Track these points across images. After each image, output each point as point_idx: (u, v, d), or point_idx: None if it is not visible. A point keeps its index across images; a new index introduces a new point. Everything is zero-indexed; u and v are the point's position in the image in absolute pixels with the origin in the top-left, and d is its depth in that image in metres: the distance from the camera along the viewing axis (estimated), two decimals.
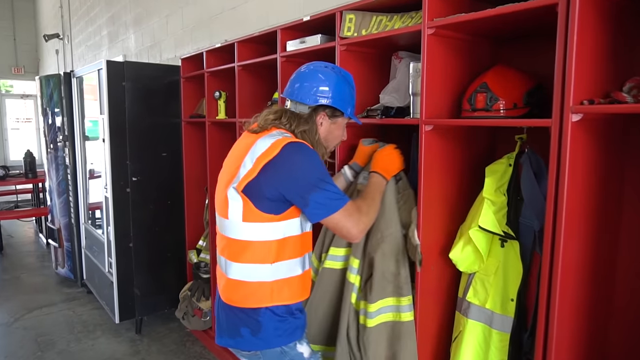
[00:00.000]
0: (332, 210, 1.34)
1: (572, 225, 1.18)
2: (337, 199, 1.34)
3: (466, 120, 1.40)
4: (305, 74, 1.48)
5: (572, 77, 1.08)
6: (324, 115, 1.47)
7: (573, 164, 1.13)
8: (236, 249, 1.41)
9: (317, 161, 1.37)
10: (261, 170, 1.33)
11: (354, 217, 1.36)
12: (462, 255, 1.51)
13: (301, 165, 1.34)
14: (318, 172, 1.35)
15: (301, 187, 1.33)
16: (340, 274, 1.75)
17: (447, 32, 1.46)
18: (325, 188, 1.33)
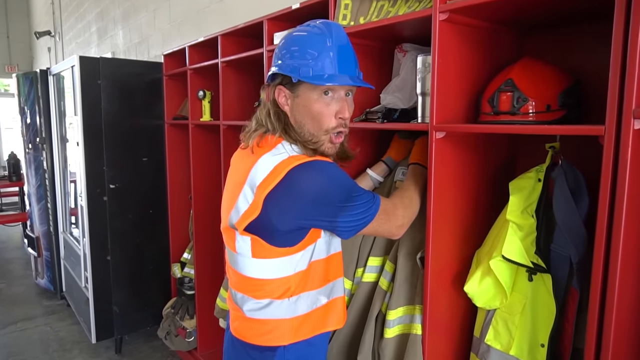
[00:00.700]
0: (366, 223, 1.13)
1: (630, 258, 0.92)
2: (369, 208, 1.12)
3: (488, 127, 1.14)
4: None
5: (636, 69, 0.82)
6: (279, 90, 1.14)
7: (633, 182, 0.87)
8: (250, 285, 1.20)
9: (336, 175, 1.12)
10: (265, 202, 1.08)
11: (391, 218, 1.18)
12: (480, 289, 1.25)
13: (320, 188, 1.09)
14: (342, 189, 1.10)
15: (326, 213, 1.10)
16: (373, 286, 1.57)
17: (463, 18, 1.20)
18: (354, 203, 1.10)
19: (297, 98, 1.14)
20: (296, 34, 1.17)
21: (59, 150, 3.48)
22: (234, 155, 1.28)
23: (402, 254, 1.45)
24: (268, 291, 1.17)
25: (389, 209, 1.18)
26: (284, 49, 1.15)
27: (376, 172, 1.56)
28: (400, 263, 1.45)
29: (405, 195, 1.26)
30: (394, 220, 1.18)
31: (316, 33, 1.12)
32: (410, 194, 1.27)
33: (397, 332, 1.44)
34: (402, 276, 1.44)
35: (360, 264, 1.62)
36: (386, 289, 1.51)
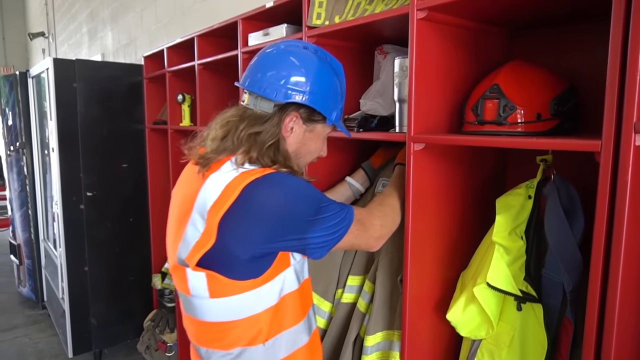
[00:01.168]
0: (340, 236, 1.00)
1: (630, 289, 0.79)
2: (342, 219, 1.00)
3: (471, 139, 1.01)
4: (272, 56, 1.05)
5: (638, 79, 0.70)
6: (296, 118, 1.02)
7: (634, 203, 0.75)
8: (213, 334, 1.03)
9: (299, 186, 1.00)
10: (220, 228, 0.92)
11: (368, 228, 1.06)
12: (464, 317, 1.12)
13: (284, 203, 0.96)
14: (308, 201, 0.98)
15: (294, 230, 0.96)
16: (352, 308, 1.44)
17: (445, 17, 1.08)
18: (324, 214, 0.97)
19: (309, 133, 1.07)
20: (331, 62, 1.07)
21: (39, 154, 3.36)
22: (182, 173, 1.14)
23: (380, 274, 1.33)
24: (236, 337, 1.00)
25: (365, 218, 1.05)
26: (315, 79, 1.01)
27: (355, 179, 1.43)
28: (378, 284, 1.33)
29: (384, 202, 1.14)
30: (371, 231, 1.05)
31: (340, 72, 1.09)
32: (391, 200, 1.15)
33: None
34: (381, 298, 1.32)
35: (341, 284, 1.50)
36: (364, 311, 1.39)
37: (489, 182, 1.31)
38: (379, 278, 1.33)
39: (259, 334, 1.00)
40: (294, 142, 1.05)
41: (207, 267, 0.96)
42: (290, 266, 1.01)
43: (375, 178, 1.47)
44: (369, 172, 1.44)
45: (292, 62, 1.02)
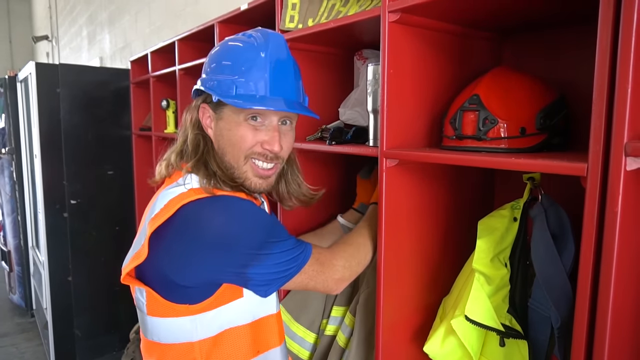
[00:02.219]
0: (288, 276, 0.90)
1: (621, 326, 0.69)
2: (294, 257, 0.90)
3: (445, 156, 0.90)
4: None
5: (628, 100, 0.59)
6: (204, 110, 0.96)
7: (624, 232, 0.64)
8: (151, 352, 0.96)
9: (247, 214, 0.90)
10: (151, 243, 0.85)
11: (327, 269, 0.95)
12: (443, 350, 1.01)
13: (222, 230, 0.87)
14: (253, 232, 0.89)
15: (232, 262, 0.87)
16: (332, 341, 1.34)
17: (421, 20, 0.97)
18: (271, 251, 0.87)
19: (220, 121, 0.95)
20: (230, 43, 0.97)
21: (27, 159, 3.30)
22: None
23: (361, 308, 1.22)
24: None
25: (325, 258, 0.96)
26: (214, 61, 0.97)
27: (347, 219, 1.31)
28: (358, 319, 1.22)
29: (352, 242, 1.04)
30: (329, 272, 0.96)
31: (250, 44, 0.93)
32: (360, 239, 1.05)
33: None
34: (360, 335, 1.21)
35: (326, 314, 1.40)
36: (344, 346, 1.28)
37: (475, 199, 1.21)
38: (360, 313, 1.23)
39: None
40: (214, 137, 0.97)
41: (145, 283, 0.89)
42: (241, 297, 0.92)
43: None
44: (362, 209, 1.32)
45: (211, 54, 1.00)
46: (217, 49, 0.99)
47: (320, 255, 0.95)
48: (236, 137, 0.93)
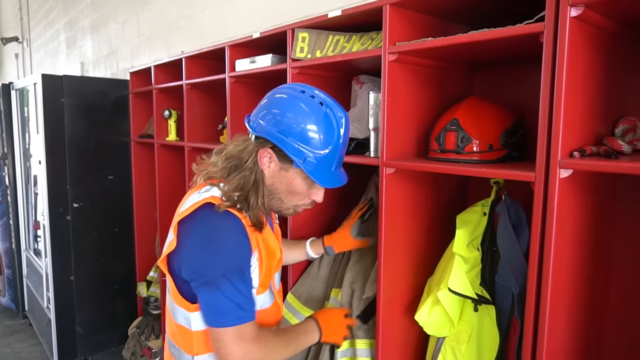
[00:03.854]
0: (217, 323, 0.99)
1: (559, 292, 0.97)
2: (233, 313, 0.98)
3: (432, 166, 1.18)
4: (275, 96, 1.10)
5: (561, 124, 0.88)
6: (270, 153, 1.05)
7: (561, 224, 0.93)
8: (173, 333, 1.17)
9: (228, 241, 1.01)
10: (178, 233, 1.05)
11: (238, 349, 0.99)
12: (430, 318, 1.29)
13: (202, 242, 1.00)
14: (220, 261, 0.99)
15: (192, 273, 1.01)
16: None
17: (412, 58, 1.25)
18: (221, 289, 0.97)
19: (284, 172, 1.07)
20: (306, 105, 1.04)
21: (21, 165, 3.40)
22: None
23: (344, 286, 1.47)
24: (181, 342, 1.13)
25: (250, 337, 1.00)
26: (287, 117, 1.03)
27: (313, 248, 1.48)
28: (343, 295, 1.47)
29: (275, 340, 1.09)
30: (244, 349, 0.99)
31: (330, 117, 1.05)
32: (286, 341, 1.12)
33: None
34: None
35: (327, 297, 1.63)
36: None
37: (452, 200, 1.49)
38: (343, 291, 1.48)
39: (191, 347, 1.10)
40: (269, 177, 1.09)
41: (169, 270, 1.09)
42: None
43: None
44: (329, 251, 1.47)
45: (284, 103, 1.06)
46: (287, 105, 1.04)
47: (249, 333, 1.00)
48: (297, 190, 1.09)
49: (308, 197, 1.13)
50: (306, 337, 1.19)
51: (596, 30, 0.94)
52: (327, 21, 1.40)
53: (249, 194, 1.06)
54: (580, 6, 0.85)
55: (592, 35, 0.93)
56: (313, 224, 1.68)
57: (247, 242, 1.04)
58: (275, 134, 1.03)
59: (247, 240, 1.04)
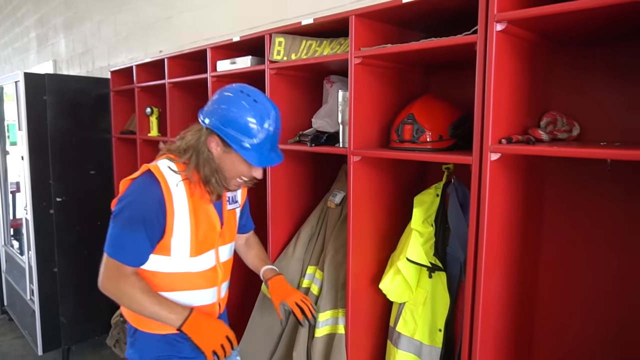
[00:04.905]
0: (105, 249, 1.25)
1: (492, 256, 1.19)
2: (111, 244, 1.23)
3: (392, 153, 1.39)
4: (221, 94, 1.30)
5: (491, 117, 1.09)
6: (217, 140, 1.26)
7: (493, 198, 1.14)
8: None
9: (138, 200, 1.23)
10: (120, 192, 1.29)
11: (108, 274, 1.24)
12: (392, 286, 1.49)
13: (127, 194, 1.25)
14: (126, 211, 1.23)
15: (114, 212, 1.26)
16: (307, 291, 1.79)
17: (375, 62, 1.45)
18: (116, 228, 1.23)
19: (228, 154, 1.28)
20: (244, 102, 1.24)
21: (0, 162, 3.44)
22: None
23: (327, 265, 1.68)
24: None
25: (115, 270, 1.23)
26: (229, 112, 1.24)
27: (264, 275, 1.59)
28: (326, 273, 1.68)
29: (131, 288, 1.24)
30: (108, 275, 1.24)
31: (261, 111, 1.25)
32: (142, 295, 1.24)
33: (325, 332, 1.66)
34: (328, 284, 1.67)
35: (303, 273, 1.82)
36: (317, 293, 1.73)
37: (413, 185, 1.70)
38: (326, 268, 1.68)
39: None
40: (217, 158, 1.29)
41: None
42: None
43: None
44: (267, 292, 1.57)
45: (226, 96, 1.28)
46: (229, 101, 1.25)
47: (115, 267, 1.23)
48: (239, 170, 1.30)
49: (249, 174, 1.32)
50: (168, 314, 1.26)
51: (519, 40, 1.16)
52: (301, 28, 1.58)
53: (202, 170, 1.29)
54: (504, 22, 1.06)
55: (516, 45, 1.15)
56: (289, 208, 1.87)
57: (157, 203, 1.23)
58: (218, 125, 1.25)
59: (158, 202, 1.23)
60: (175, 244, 1.29)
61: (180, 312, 1.27)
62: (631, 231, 1.29)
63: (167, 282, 1.32)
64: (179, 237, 1.29)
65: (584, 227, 1.38)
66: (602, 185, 1.32)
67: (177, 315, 1.27)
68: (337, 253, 1.68)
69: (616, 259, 1.33)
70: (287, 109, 1.80)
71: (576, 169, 1.37)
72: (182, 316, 1.27)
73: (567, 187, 1.40)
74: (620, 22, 1.08)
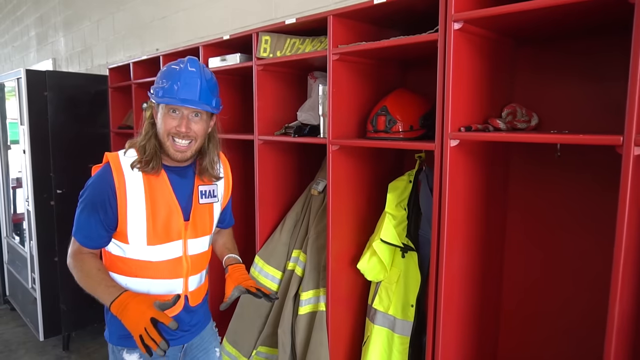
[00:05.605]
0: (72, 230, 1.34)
1: (454, 233, 1.31)
2: (74, 225, 1.33)
3: (366, 142, 1.51)
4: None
5: (450, 107, 1.21)
6: (155, 108, 1.34)
7: (453, 180, 1.26)
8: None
9: (92, 184, 1.32)
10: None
11: (70, 251, 1.34)
12: (369, 266, 1.62)
13: (89, 180, 1.34)
14: (83, 191, 1.34)
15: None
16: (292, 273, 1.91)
17: (352, 58, 1.56)
18: (79, 211, 1.32)
19: (158, 113, 1.33)
20: (171, 65, 1.35)
21: (1, 156, 3.56)
22: None
23: (309, 248, 1.80)
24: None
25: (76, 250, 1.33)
26: (157, 76, 1.35)
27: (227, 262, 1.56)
28: (309, 255, 1.80)
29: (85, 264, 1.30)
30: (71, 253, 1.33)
31: (176, 65, 1.33)
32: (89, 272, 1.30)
33: (308, 310, 1.78)
34: (310, 265, 1.79)
35: (289, 257, 1.95)
36: (301, 275, 1.85)
37: (390, 172, 1.82)
38: (309, 251, 1.80)
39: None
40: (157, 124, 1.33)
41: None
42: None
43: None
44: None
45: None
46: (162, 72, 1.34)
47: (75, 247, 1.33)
48: (162, 123, 1.30)
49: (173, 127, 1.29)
50: (102, 293, 1.26)
51: (478, 38, 1.28)
52: (285, 27, 1.70)
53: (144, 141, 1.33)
54: (461, 21, 1.18)
55: (475, 42, 1.27)
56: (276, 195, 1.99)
57: (109, 189, 1.29)
58: (151, 92, 1.32)
59: (110, 188, 1.29)
60: (131, 232, 1.31)
61: (113, 293, 1.24)
62: (582, 211, 1.42)
63: (127, 267, 1.35)
64: (134, 224, 1.31)
65: (541, 209, 1.51)
66: (554, 170, 1.45)
67: (110, 295, 1.23)
68: (319, 237, 1.80)
69: (570, 237, 1.45)
70: (273, 102, 1.93)
71: (534, 156, 1.49)
72: (112, 296, 1.22)
73: (527, 173, 1.53)
74: (571, 22, 1.20)
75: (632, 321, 1.07)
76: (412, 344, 1.55)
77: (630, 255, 0.98)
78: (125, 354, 1.38)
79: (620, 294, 0.96)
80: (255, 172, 1.91)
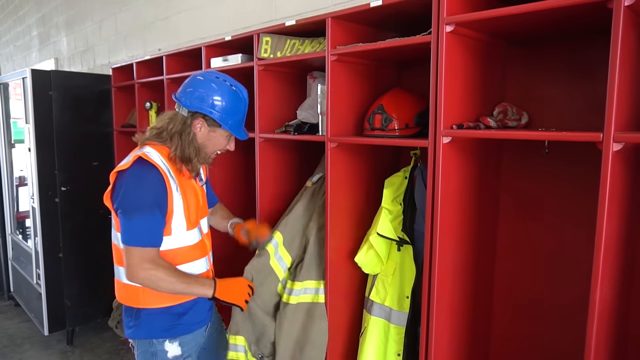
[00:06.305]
0: (126, 241, 1.37)
1: (447, 227, 1.36)
2: (131, 235, 1.36)
3: (363, 139, 1.57)
4: (199, 81, 1.51)
5: (442, 105, 1.27)
6: (202, 121, 1.48)
7: (446, 177, 1.32)
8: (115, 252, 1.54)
9: (144, 186, 1.37)
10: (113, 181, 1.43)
11: (135, 264, 1.36)
12: (366, 259, 1.68)
13: (127, 184, 1.37)
14: (135, 199, 1.36)
15: (119, 204, 1.38)
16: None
17: (350, 58, 1.62)
18: (131, 218, 1.36)
19: (212, 133, 1.52)
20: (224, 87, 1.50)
21: (5, 154, 3.62)
22: None
23: (312, 239, 1.83)
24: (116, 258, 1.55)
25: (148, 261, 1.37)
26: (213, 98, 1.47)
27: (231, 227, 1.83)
28: (310, 246, 1.83)
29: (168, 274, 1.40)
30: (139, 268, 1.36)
31: (236, 94, 1.52)
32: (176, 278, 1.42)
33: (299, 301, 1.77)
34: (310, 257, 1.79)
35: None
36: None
37: (387, 169, 1.87)
38: (312, 243, 1.85)
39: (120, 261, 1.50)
40: (200, 138, 1.51)
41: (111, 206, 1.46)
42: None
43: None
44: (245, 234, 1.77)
45: (212, 87, 1.49)
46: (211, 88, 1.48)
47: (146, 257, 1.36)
48: (218, 144, 1.56)
49: (225, 147, 1.58)
50: (200, 288, 1.50)
51: (470, 40, 1.34)
52: (285, 28, 1.76)
53: (186, 151, 1.48)
54: (452, 24, 1.24)
55: (468, 44, 1.33)
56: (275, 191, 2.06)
57: (160, 185, 1.39)
58: (207, 109, 1.47)
59: (161, 185, 1.39)
60: (174, 222, 1.46)
61: (208, 283, 1.51)
62: (570, 205, 1.48)
63: (171, 258, 1.47)
64: (176, 215, 1.46)
65: (532, 203, 1.57)
66: (543, 166, 1.51)
67: (206, 286, 1.50)
68: (321, 230, 1.85)
69: (560, 230, 1.51)
70: (274, 101, 1.99)
71: (524, 153, 1.56)
72: (210, 286, 1.51)
73: (518, 169, 1.59)
74: (558, 25, 1.26)
75: (612, 308, 1.13)
76: (407, 334, 1.61)
77: (612, 243, 1.05)
78: (167, 343, 1.53)
79: (600, 282, 1.02)
80: (257, 168, 1.97)
